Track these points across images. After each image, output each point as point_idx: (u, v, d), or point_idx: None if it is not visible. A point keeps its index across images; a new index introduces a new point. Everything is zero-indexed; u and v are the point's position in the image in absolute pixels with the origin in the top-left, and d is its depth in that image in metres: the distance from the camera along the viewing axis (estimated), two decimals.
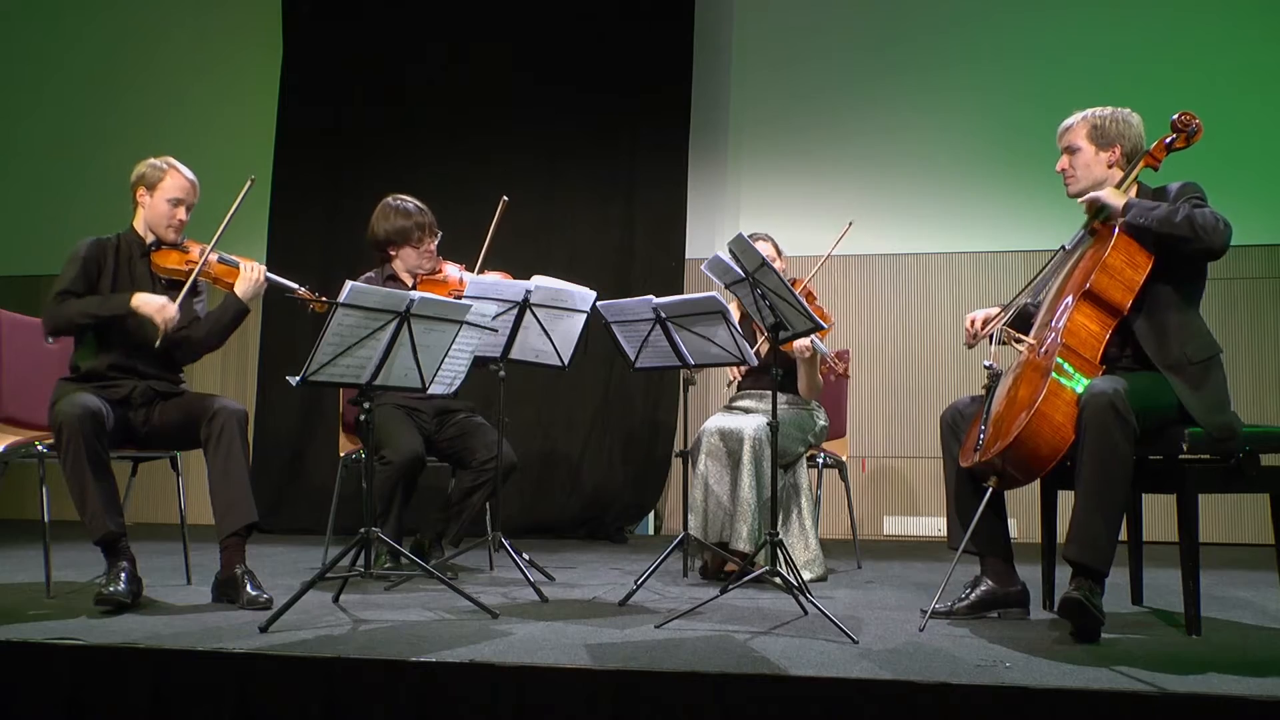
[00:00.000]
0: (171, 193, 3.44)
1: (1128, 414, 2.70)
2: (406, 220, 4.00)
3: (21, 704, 2.50)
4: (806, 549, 3.86)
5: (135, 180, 3.48)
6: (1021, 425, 2.73)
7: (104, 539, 3.15)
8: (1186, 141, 3.03)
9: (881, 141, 5.71)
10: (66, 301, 3.32)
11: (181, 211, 3.46)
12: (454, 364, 3.33)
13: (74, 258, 3.39)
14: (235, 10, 6.37)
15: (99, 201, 6.27)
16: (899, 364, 5.65)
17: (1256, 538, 5.04)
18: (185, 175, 3.48)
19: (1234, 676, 2.30)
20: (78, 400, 3.16)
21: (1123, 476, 2.73)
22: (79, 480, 3.12)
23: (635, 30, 5.74)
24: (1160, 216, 2.80)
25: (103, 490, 3.14)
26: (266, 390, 5.90)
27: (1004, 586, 3.08)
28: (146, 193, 3.46)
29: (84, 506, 3.13)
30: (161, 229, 3.46)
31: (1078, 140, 3.07)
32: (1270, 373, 5.35)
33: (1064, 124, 3.13)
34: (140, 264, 3.47)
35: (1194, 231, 2.77)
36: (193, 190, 3.49)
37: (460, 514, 3.92)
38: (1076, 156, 3.08)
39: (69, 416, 3.12)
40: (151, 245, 3.48)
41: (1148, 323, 2.90)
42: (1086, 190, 3.07)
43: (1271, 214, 5.26)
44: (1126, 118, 3.06)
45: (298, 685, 2.43)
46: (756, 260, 3.03)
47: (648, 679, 2.32)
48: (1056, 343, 2.85)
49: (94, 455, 3.13)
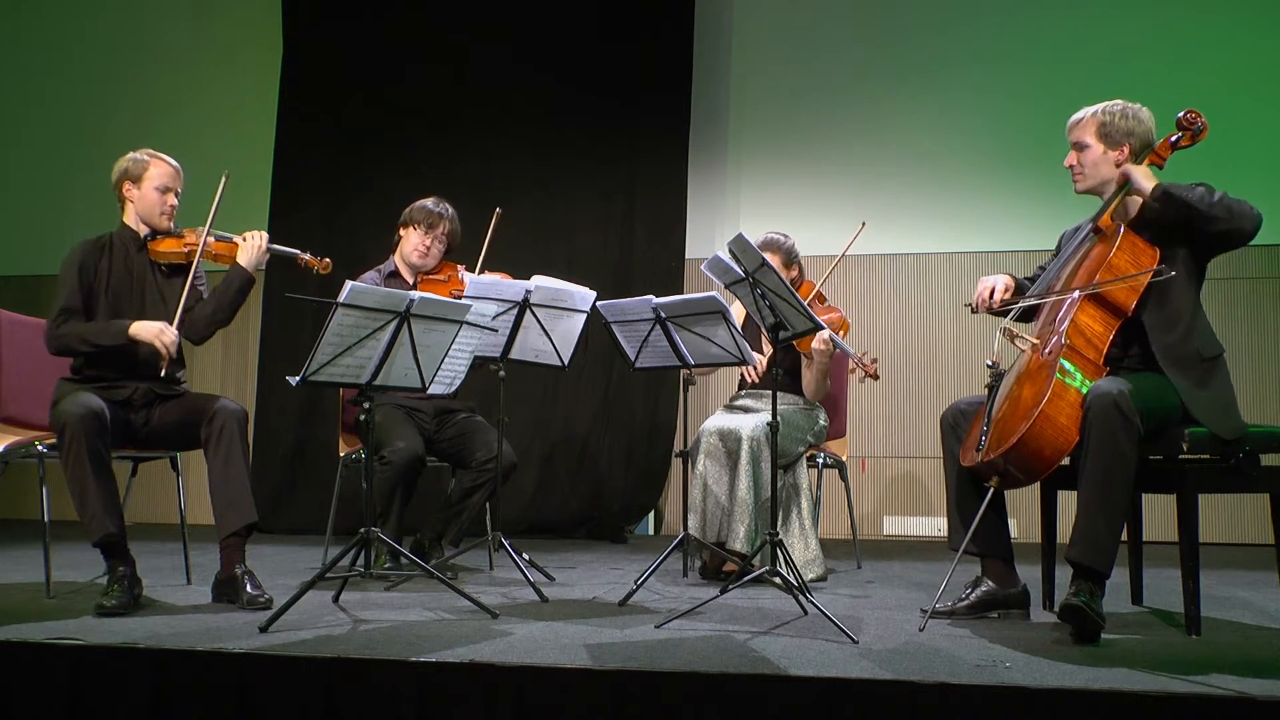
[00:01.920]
0: (158, 180, 3.45)
1: (1132, 415, 2.69)
2: (424, 212, 4.09)
3: (21, 704, 2.50)
4: (806, 549, 3.86)
5: (118, 177, 3.49)
6: (1026, 427, 2.72)
7: (103, 540, 3.15)
8: (1192, 140, 3.00)
9: (881, 141, 5.71)
10: (69, 323, 3.32)
11: (171, 198, 3.48)
12: (454, 364, 3.33)
13: (68, 267, 3.39)
14: (235, 11, 6.38)
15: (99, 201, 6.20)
16: (899, 364, 5.65)
17: (1256, 538, 5.05)
18: (168, 162, 3.49)
19: (1234, 676, 2.30)
20: (80, 400, 3.16)
21: (1126, 478, 2.72)
22: (80, 480, 3.11)
23: (635, 30, 5.74)
24: (1198, 196, 2.81)
25: (103, 491, 3.13)
26: (266, 390, 5.90)
27: (1004, 587, 3.08)
28: (133, 186, 3.47)
29: (84, 507, 3.13)
30: (155, 218, 3.47)
31: (1086, 137, 3.05)
32: (1270, 373, 5.35)
33: (1074, 118, 3.10)
34: (138, 257, 3.47)
35: (1228, 213, 2.79)
36: (177, 176, 3.51)
37: (460, 514, 3.93)
38: (1085, 154, 3.06)
39: (72, 416, 3.11)
40: (147, 236, 3.49)
41: (1157, 315, 2.89)
42: (1093, 189, 3.06)
43: (1271, 214, 5.24)
44: (1137, 114, 3.03)
45: (298, 685, 2.43)
46: (756, 260, 3.03)
47: (647, 679, 2.32)
48: (1060, 343, 2.84)
49: (95, 455, 3.13)
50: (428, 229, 4.07)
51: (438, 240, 4.09)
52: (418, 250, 4.07)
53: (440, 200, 4.15)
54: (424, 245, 4.07)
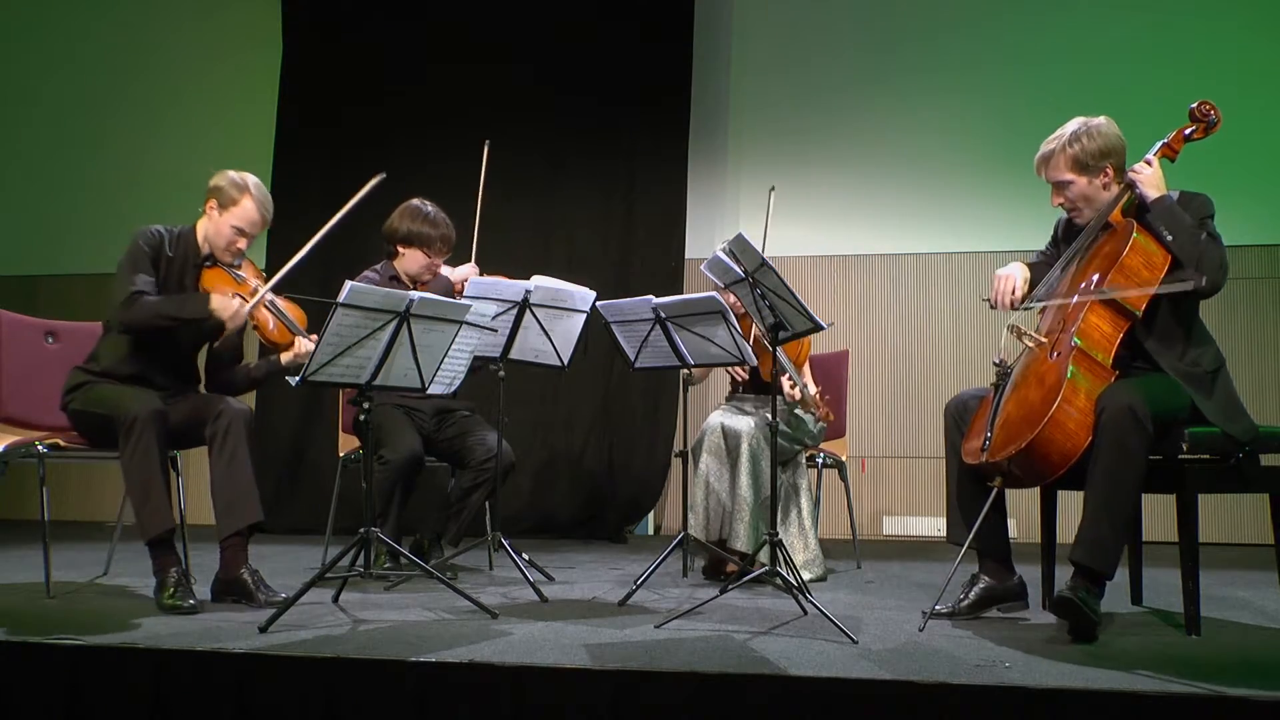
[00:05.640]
0: (240, 221, 3.37)
1: (1146, 421, 2.67)
2: (431, 229, 4.00)
3: (21, 704, 2.50)
4: (806, 549, 3.85)
5: (212, 189, 3.38)
6: (1035, 433, 2.70)
7: (164, 535, 3.15)
8: (1205, 132, 2.96)
9: (881, 141, 5.71)
10: (141, 300, 3.25)
11: (244, 241, 3.40)
12: (453, 364, 3.33)
13: (140, 245, 3.31)
14: (235, 11, 6.37)
15: (99, 201, 6.28)
16: (899, 364, 5.65)
17: (1256, 538, 5.04)
18: (260, 207, 3.40)
19: (1234, 676, 2.30)
20: (145, 398, 3.19)
21: (1135, 483, 2.71)
22: (145, 474, 3.12)
23: (635, 30, 5.74)
24: (1178, 241, 2.78)
25: (166, 487, 3.17)
26: (266, 390, 5.88)
27: (1002, 582, 3.07)
28: (217, 208, 3.38)
29: (145, 502, 3.13)
30: (220, 250, 3.40)
31: (1064, 174, 2.96)
32: (1270, 373, 5.35)
33: (1040, 157, 3.00)
34: (192, 273, 3.40)
35: (1198, 269, 2.77)
36: (262, 224, 3.43)
37: (459, 514, 3.93)
38: (1070, 189, 2.98)
39: (142, 412, 3.12)
40: (206, 259, 3.41)
41: (1154, 329, 2.86)
42: (1098, 213, 2.97)
43: (1271, 214, 5.26)
44: (1100, 130, 2.94)
45: (298, 685, 2.43)
46: (756, 260, 3.03)
47: (647, 679, 2.32)
48: (1070, 346, 2.79)
49: (162, 452, 3.16)
50: (433, 251, 4.01)
51: (444, 253, 4.07)
52: (429, 271, 4.04)
53: (428, 207, 4.04)
54: (434, 266, 4.04)
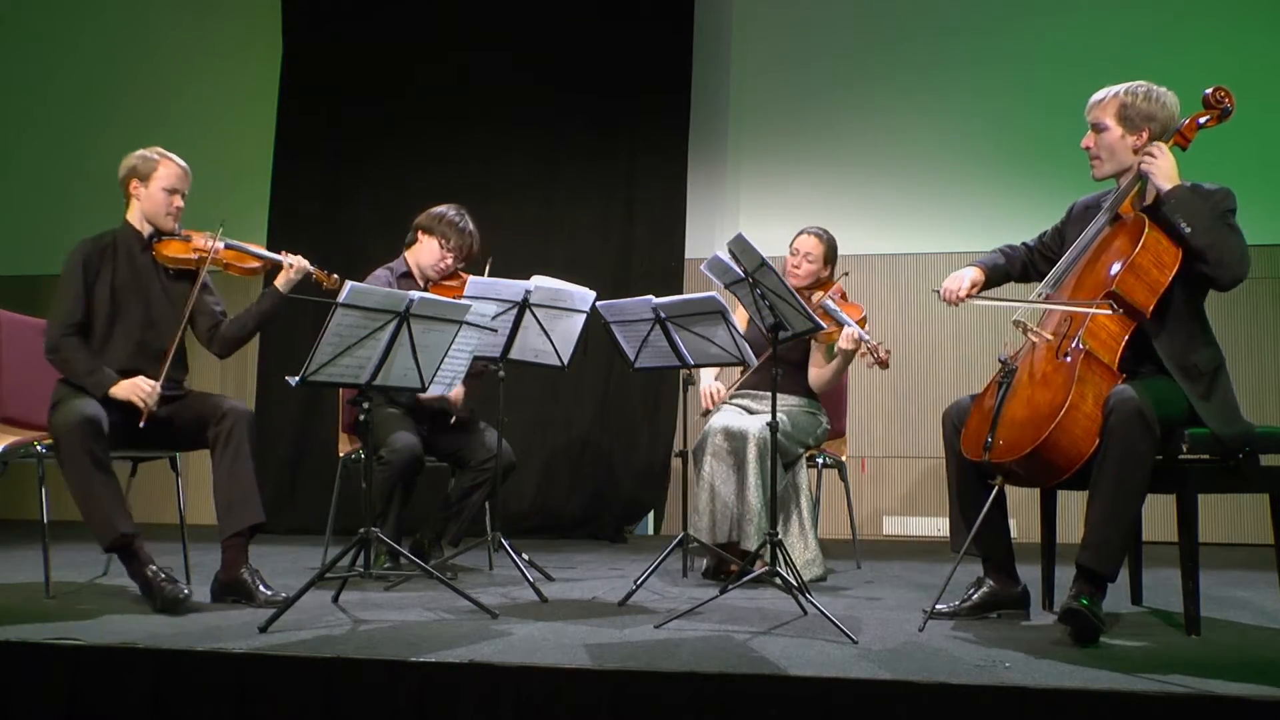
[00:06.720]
0: (166, 181, 3.43)
1: (1154, 423, 2.67)
2: (454, 229, 4.03)
3: (21, 704, 2.50)
4: (806, 549, 3.84)
5: (126, 174, 3.45)
6: (1042, 437, 2.68)
7: (115, 544, 3.12)
8: (1219, 120, 2.93)
9: (882, 141, 5.71)
10: (69, 342, 3.30)
11: (178, 199, 3.45)
12: (453, 364, 3.33)
13: (70, 268, 3.36)
14: (235, 11, 6.37)
15: (99, 202, 6.22)
16: (899, 364, 5.64)
17: (1256, 538, 5.03)
18: (178, 163, 3.47)
19: (1234, 676, 2.30)
20: (74, 408, 3.15)
21: (1142, 486, 2.70)
22: (82, 488, 3.09)
23: (635, 30, 5.74)
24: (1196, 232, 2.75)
25: (107, 495, 3.11)
26: (266, 390, 5.89)
27: (1006, 588, 3.07)
28: (140, 184, 3.44)
29: (90, 514, 3.10)
30: (161, 219, 3.45)
31: (1106, 118, 2.94)
32: (1270, 373, 5.35)
33: (1095, 96, 2.98)
34: (142, 257, 3.45)
35: (1219, 261, 2.76)
36: (186, 177, 3.48)
37: (459, 514, 3.93)
38: (1103, 136, 2.95)
39: (66, 427, 3.10)
40: (151, 236, 3.47)
41: (1161, 327, 2.85)
42: (1111, 175, 2.97)
43: (1271, 214, 5.26)
44: (1160, 97, 2.93)
45: (298, 685, 2.43)
46: (756, 260, 3.03)
47: (647, 679, 2.32)
48: (1079, 348, 2.77)
49: (95, 461, 3.10)
50: (454, 248, 4.04)
51: (459, 258, 4.08)
52: (438, 264, 4.05)
53: (464, 213, 4.09)
54: (446, 261, 4.05)
